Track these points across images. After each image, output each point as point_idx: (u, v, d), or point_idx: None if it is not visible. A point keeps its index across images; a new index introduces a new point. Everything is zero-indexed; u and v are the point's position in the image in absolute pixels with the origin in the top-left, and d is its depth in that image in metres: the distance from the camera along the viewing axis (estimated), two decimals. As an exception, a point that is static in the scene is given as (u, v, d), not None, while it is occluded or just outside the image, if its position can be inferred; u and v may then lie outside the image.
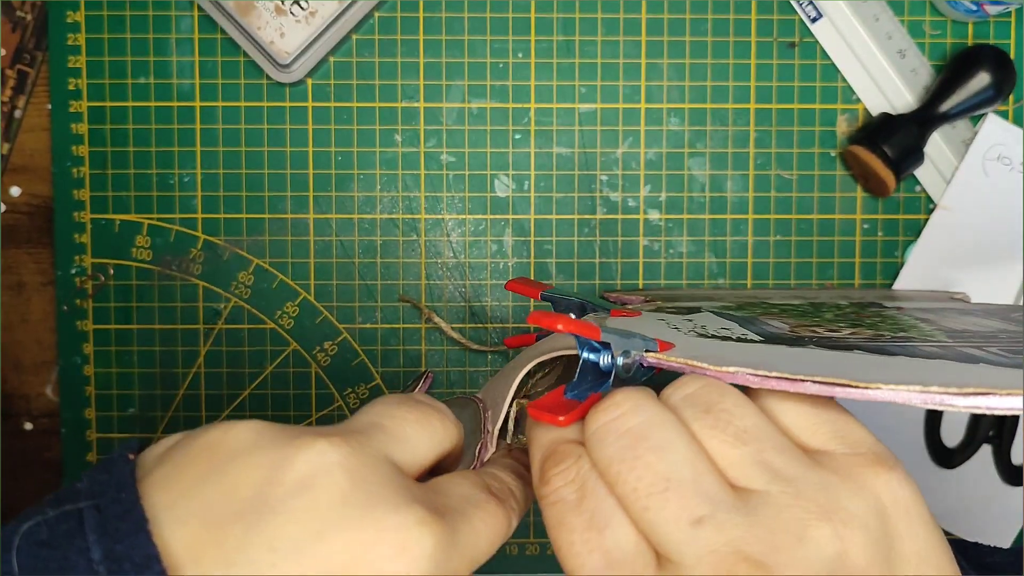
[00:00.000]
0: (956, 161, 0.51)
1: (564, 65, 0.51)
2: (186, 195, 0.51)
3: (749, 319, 0.37)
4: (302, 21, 0.47)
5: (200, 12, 0.50)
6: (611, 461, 0.23)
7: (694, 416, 0.24)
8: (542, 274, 0.51)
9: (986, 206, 0.50)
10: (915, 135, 0.48)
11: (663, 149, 0.51)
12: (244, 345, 0.51)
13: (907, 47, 0.50)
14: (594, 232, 0.51)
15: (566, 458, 0.24)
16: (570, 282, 0.51)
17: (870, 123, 0.50)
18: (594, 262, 0.51)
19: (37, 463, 0.52)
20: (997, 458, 0.50)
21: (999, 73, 0.48)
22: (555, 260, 0.51)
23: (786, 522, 0.21)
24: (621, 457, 0.23)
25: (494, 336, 0.51)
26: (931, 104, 0.49)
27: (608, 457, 0.23)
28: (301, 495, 0.21)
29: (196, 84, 0.50)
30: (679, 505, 0.22)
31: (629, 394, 0.24)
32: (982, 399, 0.22)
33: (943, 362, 0.27)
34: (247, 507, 0.21)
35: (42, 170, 0.51)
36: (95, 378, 0.51)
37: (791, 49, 0.51)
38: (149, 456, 0.24)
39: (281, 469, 0.22)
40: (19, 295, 0.51)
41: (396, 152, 0.51)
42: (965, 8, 0.49)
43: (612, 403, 0.24)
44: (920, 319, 0.38)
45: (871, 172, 0.49)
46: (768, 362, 0.26)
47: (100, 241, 0.50)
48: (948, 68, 0.49)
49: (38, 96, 0.50)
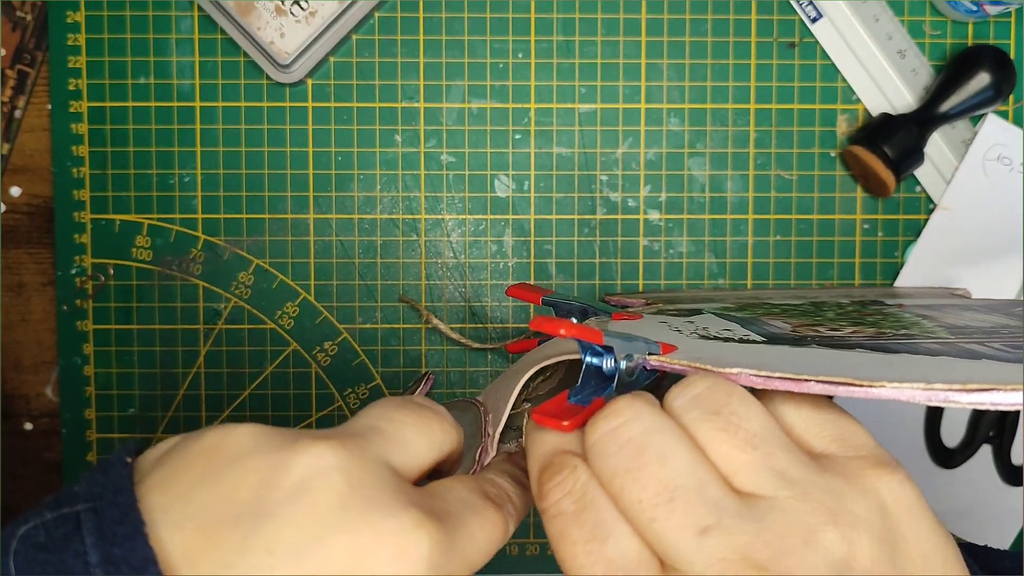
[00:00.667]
0: (956, 161, 0.51)
1: (564, 65, 0.51)
2: (186, 195, 0.51)
3: (750, 320, 0.37)
4: (302, 21, 0.47)
5: (200, 12, 0.50)
6: (614, 473, 0.23)
7: (702, 418, 0.24)
8: (542, 274, 0.51)
9: (986, 207, 0.50)
10: (915, 135, 0.48)
11: (663, 149, 0.51)
12: (244, 345, 0.51)
13: (907, 47, 0.50)
14: (594, 232, 0.51)
15: (562, 469, 0.24)
16: (570, 282, 0.51)
17: (870, 123, 0.50)
18: (594, 262, 0.51)
19: (37, 463, 0.52)
20: (997, 458, 0.51)
21: (999, 73, 0.48)
22: (555, 260, 0.51)
23: (794, 527, 0.22)
24: (625, 468, 0.23)
25: (494, 335, 0.51)
26: (931, 104, 0.49)
27: (611, 469, 0.23)
28: (299, 499, 0.21)
29: (196, 84, 0.50)
30: (685, 514, 0.22)
31: (630, 402, 0.24)
32: (986, 395, 0.22)
33: (947, 359, 0.27)
34: (245, 511, 0.21)
35: (42, 170, 0.51)
36: (95, 378, 0.51)
37: (791, 49, 0.51)
38: (147, 459, 0.24)
39: (279, 473, 0.22)
40: (19, 295, 0.51)
41: (396, 152, 0.51)
42: (965, 8, 0.49)
43: (612, 412, 0.24)
44: (921, 315, 0.38)
45: (871, 172, 0.49)
46: (771, 362, 0.26)
47: (100, 241, 0.50)
48: (948, 68, 0.49)
49: (38, 96, 0.50)
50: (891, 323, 0.36)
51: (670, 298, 0.47)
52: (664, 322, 0.35)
